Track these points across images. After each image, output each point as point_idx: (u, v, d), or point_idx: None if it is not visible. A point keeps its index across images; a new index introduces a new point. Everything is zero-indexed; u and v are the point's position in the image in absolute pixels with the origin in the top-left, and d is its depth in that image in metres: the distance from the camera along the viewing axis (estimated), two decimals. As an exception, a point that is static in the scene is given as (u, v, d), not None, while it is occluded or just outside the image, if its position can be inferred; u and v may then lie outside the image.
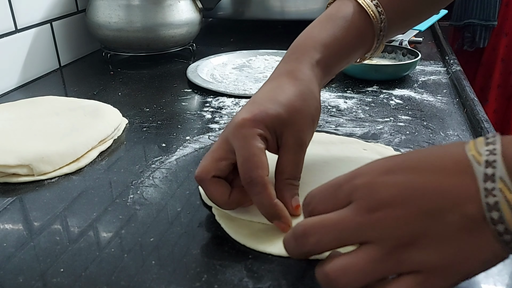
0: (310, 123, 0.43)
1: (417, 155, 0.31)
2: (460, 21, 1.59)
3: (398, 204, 0.29)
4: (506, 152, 0.27)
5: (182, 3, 0.90)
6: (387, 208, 0.29)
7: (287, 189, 0.41)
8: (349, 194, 0.31)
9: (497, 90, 1.58)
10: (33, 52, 0.84)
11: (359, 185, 0.31)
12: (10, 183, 0.50)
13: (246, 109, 0.41)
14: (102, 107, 0.64)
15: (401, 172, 0.30)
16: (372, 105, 0.69)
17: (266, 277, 0.36)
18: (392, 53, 0.87)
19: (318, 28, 0.47)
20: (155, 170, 0.52)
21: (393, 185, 0.30)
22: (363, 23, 0.46)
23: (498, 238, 0.27)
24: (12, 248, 0.40)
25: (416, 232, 0.28)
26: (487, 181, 0.27)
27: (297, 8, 1.11)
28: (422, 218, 0.28)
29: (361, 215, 0.30)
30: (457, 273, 0.28)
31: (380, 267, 0.29)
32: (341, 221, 0.30)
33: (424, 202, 0.29)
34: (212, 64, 0.88)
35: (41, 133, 0.57)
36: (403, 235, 0.29)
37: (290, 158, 0.41)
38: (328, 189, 0.33)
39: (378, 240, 0.29)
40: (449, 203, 0.28)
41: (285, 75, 0.44)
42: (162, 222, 0.43)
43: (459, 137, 0.58)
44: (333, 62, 0.46)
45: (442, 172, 0.29)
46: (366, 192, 0.30)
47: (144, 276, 0.36)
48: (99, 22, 0.89)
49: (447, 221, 0.28)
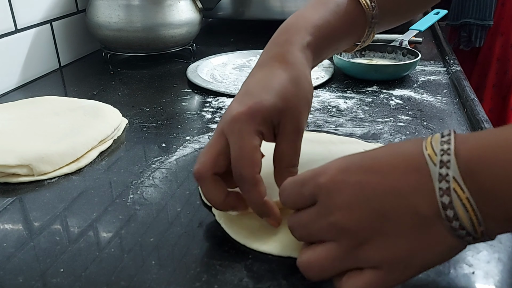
0: (305, 107, 0.42)
1: (375, 154, 0.32)
2: (456, 21, 1.60)
3: (353, 205, 0.31)
4: (459, 152, 0.28)
5: (182, 3, 0.90)
6: (343, 210, 0.31)
7: (285, 177, 0.40)
8: (313, 193, 0.33)
9: (492, 90, 1.58)
10: (33, 52, 0.84)
11: (320, 184, 0.32)
12: (10, 183, 0.50)
13: (240, 101, 0.40)
14: (102, 107, 0.64)
15: (358, 171, 0.31)
16: (372, 105, 0.69)
17: (266, 277, 0.36)
18: (392, 53, 0.87)
19: (310, 10, 0.46)
20: (155, 170, 0.52)
21: (349, 185, 0.31)
22: (354, 10, 0.47)
23: (453, 233, 0.29)
24: (12, 248, 0.40)
25: (370, 232, 0.30)
26: (441, 181, 0.28)
27: (297, 8, 1.10)
28: (375, 218, 0.30)
29: (322, 218, 0.32)
30: (414, 267, 0.30)
31: (339, 264, 0.32)
32: (307, 222, 0.33)
33: (377, 202, 0.30)
34: (212, 64, 0.88)
35: (41, 133, 0.57)
36: (358, 235, 0.30)
37: (288, 146, 0.41)
38: (295, 184, 0.35)
39: (336, 239, 0.31)
40: (402, 202, 0.29)
41: (276, 59, 0.43)
42: (162, 222, 0.43)
43: (459, 137, 0.58)
44: (323, 45, 0.46)
45: (396, 171, 0.30)
46: (325, 193, 0.32)
47: (144, 276, 0.36)
48: (99, 22, 0.89)
49: (400, 220, 0.29)
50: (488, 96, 1.59)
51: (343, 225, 0.31)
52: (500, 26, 1.54)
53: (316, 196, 0.33)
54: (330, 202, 0.32)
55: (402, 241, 0.30)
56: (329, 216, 0.31)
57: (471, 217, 0.28)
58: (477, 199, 0.27)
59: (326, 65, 0.84)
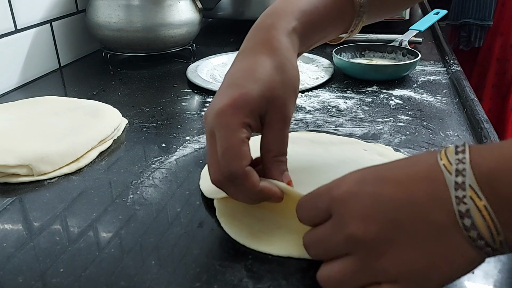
0: (292, 95, 0.41)
1: (390, 165, 0.32)
2: (456, 21, 1.60)
3: (368, 216, 0.30)
4: (474, 160, 0.28)
5: (182, 3, 0.90)
6: (359, 221, 0.30)
7: (275, 167, 0.40)
8: (328, 206, 0.32)
9: (492, 90, 1.58)
10: (33, 52, 0.84)
11: (335, 197, 0.32)
12: (10, 183, 0.50)
13: (225, 93, 0.39)
14: (102, 107, 0.64)
15: (373, 182, 0.31)
16: (372, 105, 0.69)
17: (266, 277, 0.36)
18: (392, 53, 0.87)
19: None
20: (155, 170, 0.52)
21: (365, 196, 0.31)
22: (346, 9, 0.46)
23: (472, 244, 0.28)
24: (11, 248, 0.40)
25: (387, 243, 0.30)
26: (458, 189, 0.28)
27: (297, 8, 1.11)
28: (391, 228, 0.29)
29: (337, 231, 0.31)
30: (432, 280, 0.29)
31: (357, 278, 0.31)
32: (323, 238, 0.33)
33: (393, 212, 0.30)
34: (212, 64, 0.88)
35: (41, 133, 0.57)
36: (375, 246, 0.30)
37: (275, 135, 0.40)
38: (309, 200, 0.35)
39: (353, 252, 0.31)
40: (418, 211, 0.29)
41: (261, 45, 0.41)
42: (162, 222, 0.43)
43: (459, 137, 0.58)
44: (310, 31, 0.44)
45: (411, 181, 0.30)
46: (341, 206, 0.31)
47: (144, 276, 0.36)
48: (99, 22, 0.89)
49: (417, 230, 0.29)
50: (488, 96, 1.59)
51: (359, 237, 0.30)
52: (500, 26, 1.54)
53: (331, 209, 0.32)
54: (345, 214, 0.31)
55: (419, 253, 0.29)
56: (345, 228, 0.31)
57: (489, 225, 0.27)
58: (495, 208, 0.27)
59: (326, 65, 0.84)
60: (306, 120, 0.64)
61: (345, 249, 0.31)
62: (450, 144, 0.56)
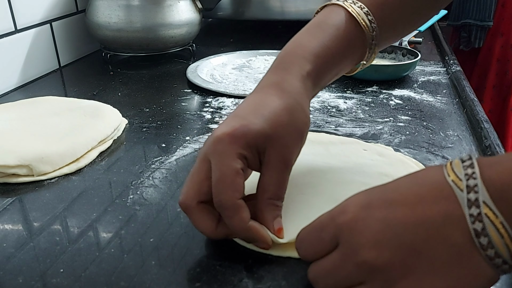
0: (297, 139, 0.40)
1: (396, 186, 0.31)
2: (457, 21, 1.60)
3: (381, 242, 0.29)
4: (485, 175, 0.27)
5: (182, 3, 0.90)
6: (371, 248, 0.29)
7: (268, 210, 0.38)
8: (334, 235, 0.31)
9: (492, 90, 1.58)
10: (33, 52, 0.84)
11: (341, 225, 0.31)
12: (10, 183, 0.50)
13: (227, 123, 0.38)
14: (102, 108, 0.64)
15: (381, 206, 0.30)
16: (372, 105, 0.69)
17: (266, 278, 0.36)
18: (392, 53, 0.87)
19: (308, 36, 0.44)
20: (154, 171, 0.52)
21: (374, 221, 0.29)
22: (354, 32, 0.44)
23: (489, 262, 0.27)
24: (11, 249, 0.40)
25: (403, 269, 0.28)
26: (471, 207, 0.27)
27: (297, 8, 1.11)
28: (407, 253, 0.28)
29: (347, 260, 0.30)
30: None
31: None
32: (334, 269, 0.31)
33: (408, 236, 0.28)
34: (212, 65, 0.88)
35: (41, 133, 0.57)
36: (390, 273, 0.28)
37: (273, 177, 0.38)
38: (312, 232, 0.33)
39: (367, 281, 0.29)
40: (433, 233, 0.28)
41: (271, 87, 0.41)
42: (162, 223, 0.43)
43: (458, 137, 0.58)
44: (323, 73, 0.44)
45: (422, 201, 0.29)
46: (349, 234, 0.30)
47: (144, 277, 0.36)
48: (99, 23, 0.89)
49: (434, 253, 0.28)
50: (488, 97, 1.59)
51: (372, 265, 0.29)
52: (500, 27, 1.54)
53: (338, 238, 0.31)
54: (355, 241, 0.29)
55: (439, 278, 0.28)
56: (355, 256, 0.29)
57: (506, 243, 0.26)
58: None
59: (326, 65, 0.84)
60: (306, 120, 0.64)
61: (358, 278, 0.30)
62: (450, 144, 0.56)
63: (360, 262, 0.29)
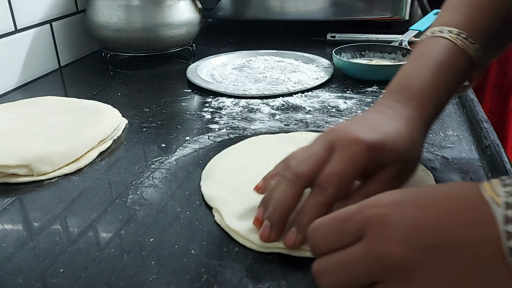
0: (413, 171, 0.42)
1: (429, 192, 0.31)
2: None
3: (410, 241, 0.28)
4: None
5: (182, 3, 0.90)
6: (399, 246, 0.28)
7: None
8: (361, 227, 0.30)
9: (492, 91, 1.58)
10: (33, 52, 0.84)
11: (371, 217, 0.29)
12: (9, 183, 0.50)
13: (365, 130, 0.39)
14: (102, 108, 0.64)
15: (416, 206, 0.29)
16: (372, 105, 0.69)
17: (266, 277, 0.36)
18: (392, 54, 0.87)
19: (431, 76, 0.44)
20: (154, 171, 0.52)
21: (406, 219, 0.28)
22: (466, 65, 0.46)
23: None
24: (11, 249, 0.40)
25: (427, 270, 0.27)
26: (508, 224, 0.26)
27: (297, 8, 1.11)
28: (434, 254, 0.27)
29: (369, 255, 0.29)
30: None
31: None
32: (351, 263, 0.29)
33: (437, 239, 0.28)
34: (212, 65, 0.88)
35: (40, 133, 0.57)
36: (413, 273, 0.27)
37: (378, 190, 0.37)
38: (333, 222, 0.32)
39: (385, 279, 0.28)
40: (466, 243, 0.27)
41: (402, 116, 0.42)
42: (162, 223, 0.43)
43: (458, 137, 0.58)
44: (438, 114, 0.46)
45: (458, 210, 0.28)
46: (379, 227, 0.29)
47: (143, 277, 0.36)
48: (98, 23, 0.89)
49: (463, 262, 0.27)
50: (488, 97, 1.58)
51: (397, 262, 0.28)
52: (500, 27, 1.54)
53: (364, 230, 0.29)
54: (384, 236, 0.28)
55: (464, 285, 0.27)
56: (380, 251, 0.28)
57: None
58: None
59: (326, 65, 0.84)
60: (306, 120, 0.64)
61: (375, 276, 0.29)
62: (450, 144, 0.56)
63: (384, 258, 0.28)
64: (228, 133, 0.61)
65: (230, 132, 0.61)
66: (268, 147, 0.55)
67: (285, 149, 0.49)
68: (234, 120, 0.65)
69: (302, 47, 0.96)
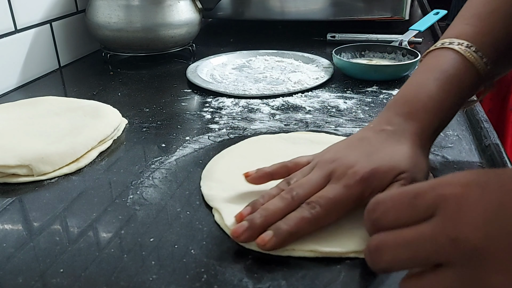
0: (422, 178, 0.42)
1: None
2: None
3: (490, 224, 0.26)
4: None
5: (182, 3, 0.90)
6: (476, 227, 0.26)
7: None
8: (433, 205, 0.28)
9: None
10: (33, 52, 0.84)
11: (447, 195, 0.28)
12: (9, 183, 0.50)
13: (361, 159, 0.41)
14: (102, 108, 0.64)
15: (498, 190, 0.27)
16: (372, 105, 0.69)
17: (266, 278, 0.36)
18: (392, 53, 0.87)
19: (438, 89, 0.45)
20: (154, 171, 0.52)
21: (489, 202, 0.27)
22: (473, 79, 0.46)
23: None
24: (11, 249, 0.40)
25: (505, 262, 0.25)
26: None
27: (297, 8, 1.11)
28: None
29: (441, 234, 0.27)
30: None
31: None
32: (419, 240, 0.28)
33: None
34: (212, 65, 0.88)
35: (40, 133, 0.57)
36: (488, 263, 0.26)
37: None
38: (402, 196, 0.30)
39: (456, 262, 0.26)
40: None
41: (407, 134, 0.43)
42: (162, 223, 0.43)
43: (458, 137, 0.58)
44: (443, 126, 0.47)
45: None
46: (455, 207, 0.27)
47: (143, 277, 0.36)
48: (98, 23, 0.89)
49: None
50: (488, 96, 1.58)
51: (471, 246, 0.26)
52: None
53: (436, 208, 0.28)
54: (459, 217, 0.26)
55: None
56: (454, 232, 0.26)
57: None
58: None
59: (326, 65, 0.84)
60: (306, 120, 0.64)
61: (444, 257, 0.27)
62: (450, 144, 0.56)
63: (459, 239, 0.26)
64: (228, 133, 0.61)
65: (230, 132, 0.61)
66: (268, 147, 0.55)
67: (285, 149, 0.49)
68: (234, 120, 0.65)
69: (302, 47, 0.96)
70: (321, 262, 0.37)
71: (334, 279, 0.36)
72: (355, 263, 0.37)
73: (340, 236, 0.39)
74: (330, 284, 0.35)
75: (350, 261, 0.38)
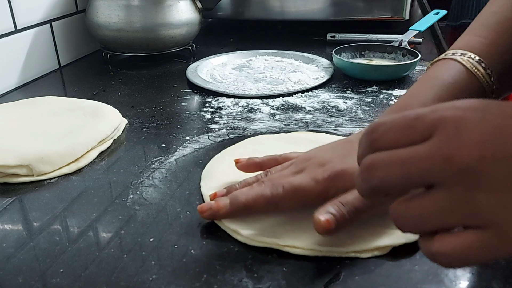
0: None
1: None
2: (456, 21, 1.60)
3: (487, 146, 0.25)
4: None
5: (182, 3, 0.90)
6: (472, 148, 0.25)
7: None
8: (431, 127, 0.27)
9: None
10: (33, 52, 0.84)
11: (446, 117, 0.27)
12: (9, 183, 0.50)
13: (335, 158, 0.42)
14: (102, 107, 0.64)
15: (498, 115, 0.26)
16: (372, 105, 0.69)
17: (265, 277, 0.36)
18: (392, 54, 0.87)
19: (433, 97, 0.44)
20: (154, 171, 0.52)
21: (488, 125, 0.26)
22: (474, 89, 0.45)
23: None
24: (11, 249, 0.40)
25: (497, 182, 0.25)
26: None
27: (297, 8, 1.11)
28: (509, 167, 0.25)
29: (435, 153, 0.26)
30: None
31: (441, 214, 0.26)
32: (413, 158, 0.27)
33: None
34: (212, 64, 0.88)
35: (40, 133, 0.57)
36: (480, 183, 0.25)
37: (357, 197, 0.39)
38: (402, 118, 0.29)
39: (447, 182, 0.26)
40: None
41: None
42: (162, 223, 0.43)
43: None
44: None
45: None
46: (453, 129, 0.26)
47: (143, 276, 0.36)
48: (98, 22, 0.89)
49: None
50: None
51: (465, 164, 0.25)
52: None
53: (434, 131, 0.27)
54: (457, 137, 0.26)
55: None
56: (449, 152, 0.26)
57: None
58: None
59: (326, 65, 0.84)
60: (306, 120, 0.64)
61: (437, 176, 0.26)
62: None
63: (453, 158, 0.26)
64: (228, 133, 0.61)
65: (230, 132, 0.61)
66: (268, 147, 0.55)
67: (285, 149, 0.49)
68: (234, 120, 0.65)
69: (302, 47, 0.96)
70: (321, 262, 0.37)
71: (334, 279, 0.36)
72: (355, 263, 0.37)
73: (340, 236, 0.39)
74: (330, 284, 0.35)
75: (350, 261, 0.38)
